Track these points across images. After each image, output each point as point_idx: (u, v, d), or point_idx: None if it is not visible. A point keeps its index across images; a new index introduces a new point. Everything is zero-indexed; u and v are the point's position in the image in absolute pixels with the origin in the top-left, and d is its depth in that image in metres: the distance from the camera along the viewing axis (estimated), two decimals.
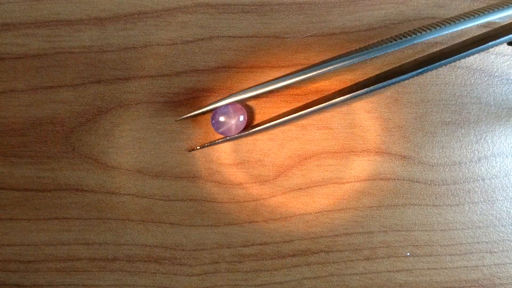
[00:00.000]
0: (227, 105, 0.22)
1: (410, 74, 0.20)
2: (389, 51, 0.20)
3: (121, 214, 0.24)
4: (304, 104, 0.22)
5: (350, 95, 0.21)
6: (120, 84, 0.24)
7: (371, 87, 0.21)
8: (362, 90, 0.21)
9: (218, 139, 0.23)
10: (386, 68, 0.21)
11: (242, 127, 0.23)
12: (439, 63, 0.20)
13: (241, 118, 0.22)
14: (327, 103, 0.21)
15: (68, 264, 0.25)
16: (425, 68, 0.20)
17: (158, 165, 0.24)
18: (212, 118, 0.22)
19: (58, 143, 0.24)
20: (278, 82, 0.21)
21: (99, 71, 0.23)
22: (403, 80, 0.20)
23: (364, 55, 0.20)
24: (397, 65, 0.21)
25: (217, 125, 0.22)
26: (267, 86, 0.21)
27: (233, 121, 0.22)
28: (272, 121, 0.22)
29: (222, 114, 0.22)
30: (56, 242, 0.25)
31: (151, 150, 0.24)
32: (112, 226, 0.25)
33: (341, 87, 0.22)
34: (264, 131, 0.24)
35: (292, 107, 0.23)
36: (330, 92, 0.23)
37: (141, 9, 0.23)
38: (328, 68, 0.20)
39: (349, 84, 0.22)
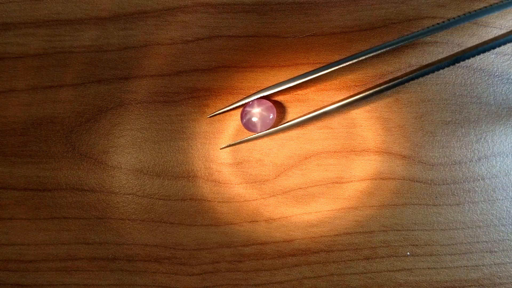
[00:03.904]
0: (258, 101, 0.22)
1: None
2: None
3: (121, 214, 0.24)
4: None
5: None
6: (120, 83, 0.24)
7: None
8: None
9: (247, 137, 0.23)
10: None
11: (271, 124, 0.23)
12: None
13: (271, 115, 0.23)
14: (351, 99, 0.22)
15: (68, 264, 0.25)
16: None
17: (158, 165, 0.24)
18: (242, 114, 0.22)
19: (58, 142, 0.24)
20: (305, 77, 0.22)
21: (99, 70, 0.23)
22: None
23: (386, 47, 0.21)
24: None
25: (247, 123, 0.22)
26: (295, 80, 0.22)
27: (263, 118, 0.22)
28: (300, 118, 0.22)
29: (253, 111, 0.22)
30: (56, 242, 0.25)
31: (151, 150, 0.24)
32: (112, 225, 0.25)
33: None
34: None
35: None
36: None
37: (141, 9, 0.23)
38: (356, 59, 0.21)
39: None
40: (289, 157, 0.24)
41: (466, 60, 0.23)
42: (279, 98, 0.24)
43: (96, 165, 0.24)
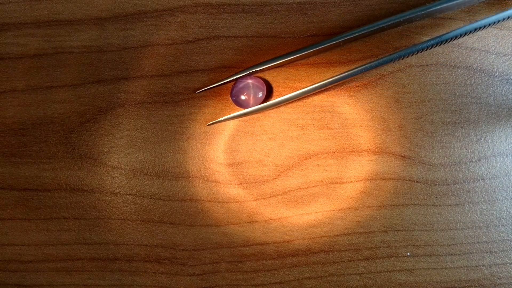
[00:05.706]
0: (248, 77, 0.22)
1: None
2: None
3: (121, 214, 0.24)
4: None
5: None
6: (120, 84, 0.24)
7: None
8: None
9: (235, 113, 0.23)
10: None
11: (260, 101, 0.23)
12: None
13: (261, 93, 0.22)
14: (343, 74, 0.22)
15: (68, 264, 0.25)
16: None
17: (158, 165, 0.24)
18: (232, 89, 0.22)
19: (58, 143, 0.24)
20: (296, 54, 0.22)
21: (99, 71, 0.23)
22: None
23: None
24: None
25: (236, 98, 0.22)
26: (285, 57, 0.22)
27: (252, 94, 0.22)
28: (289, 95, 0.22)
29: (242, 86, 0.22)
30: (56, 242, 0.25)
31: (151, 150, 0.24)
32: (112, 226, 0.25)
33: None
34: (265, 132, 0.24)
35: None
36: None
37: (141, 9, 0.23)
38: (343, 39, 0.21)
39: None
40: (289, 157, 0.24)
41: (466, 61, 0.23)
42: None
43: (96, 166, 0.24)
